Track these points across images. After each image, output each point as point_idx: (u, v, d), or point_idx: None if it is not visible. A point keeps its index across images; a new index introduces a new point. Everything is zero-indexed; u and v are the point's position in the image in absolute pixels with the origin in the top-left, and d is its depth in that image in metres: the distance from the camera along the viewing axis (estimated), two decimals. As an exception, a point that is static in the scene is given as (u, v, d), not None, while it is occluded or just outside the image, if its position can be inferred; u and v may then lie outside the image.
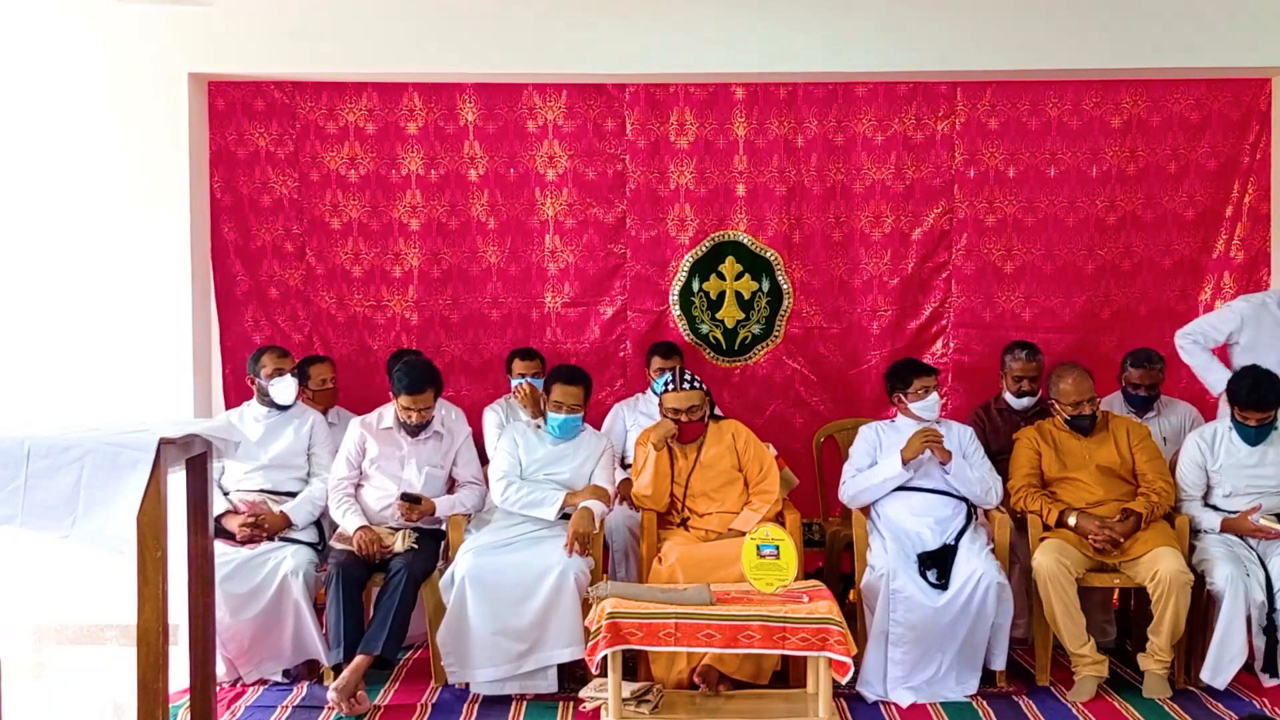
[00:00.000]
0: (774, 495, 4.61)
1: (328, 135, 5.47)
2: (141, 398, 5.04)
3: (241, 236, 5.49)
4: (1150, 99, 5.41)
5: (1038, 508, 4.59)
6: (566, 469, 4.69)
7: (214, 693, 3.66)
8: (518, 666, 4.31)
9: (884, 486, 4.63)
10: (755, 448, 4.70)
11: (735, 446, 4.68)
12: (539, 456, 4.69)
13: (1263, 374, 4.48)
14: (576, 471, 4.69)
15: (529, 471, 4.68)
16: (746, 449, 4.69)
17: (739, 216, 5.53)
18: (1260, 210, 5.41)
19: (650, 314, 5.59)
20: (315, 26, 5.17)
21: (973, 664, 4.35)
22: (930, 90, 5.44)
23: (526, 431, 4.78)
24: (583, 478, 4.70)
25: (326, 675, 4.48)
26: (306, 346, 5.50)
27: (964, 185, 5.49)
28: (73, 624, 5.12)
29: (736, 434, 4.72)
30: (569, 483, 4.68)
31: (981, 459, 4.72)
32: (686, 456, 4.66)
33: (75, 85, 5.16)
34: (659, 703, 4.02)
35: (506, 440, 4.75)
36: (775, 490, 4.63)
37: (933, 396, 4.71)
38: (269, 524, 4.61)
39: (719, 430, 4.72)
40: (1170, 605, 4.26)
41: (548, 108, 5.48)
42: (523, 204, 5.54)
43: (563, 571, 4.32)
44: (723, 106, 5.47)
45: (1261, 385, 4.45)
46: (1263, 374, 4.48)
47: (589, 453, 4.73)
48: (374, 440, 4.76)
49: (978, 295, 5.53)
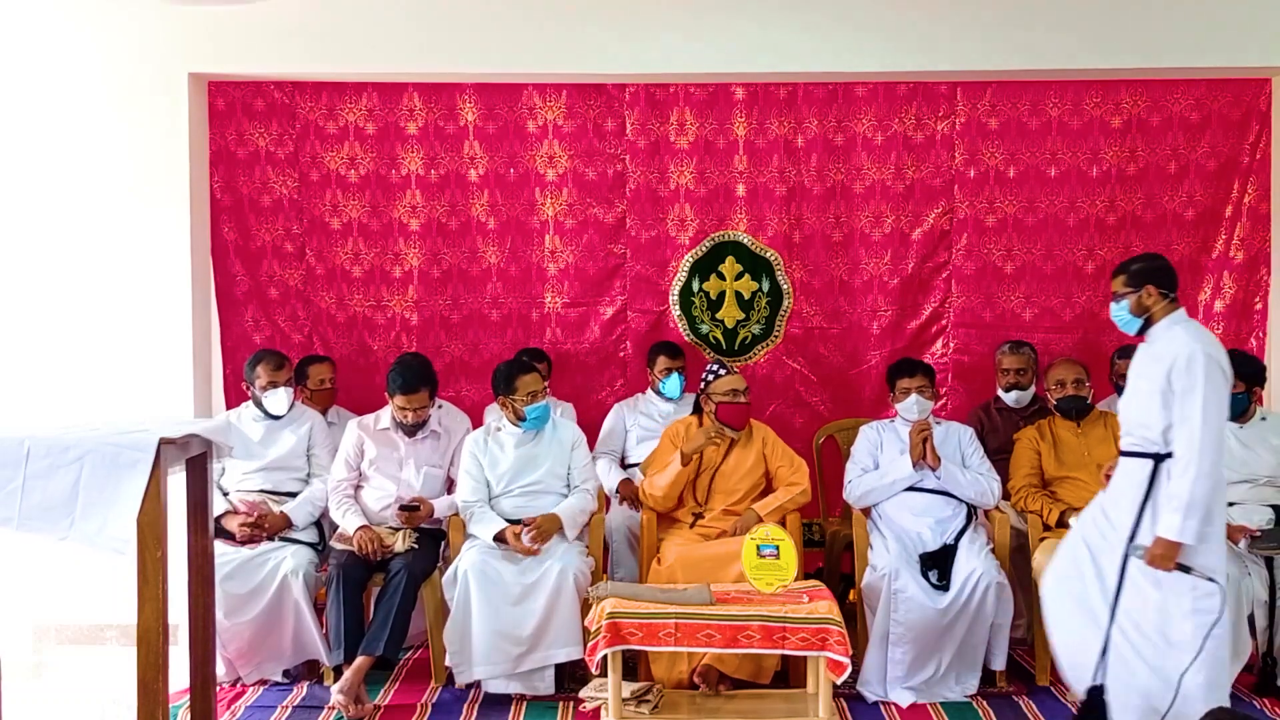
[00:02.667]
0: (803, 486, 4.67)
1: (328, 135, 5.47)
2: (141, 398, 5.04)
3: (241, 236, 5.49)
4: (1150, 99, 5.41)
5: (1038, 508, 4.60)
6: (539, 472, 4.63)
7: (214, 693, 3.66)
8: (517, 666, 4.31)
9: (893, 487, 4.65)
10: (781, 447, 4.78)
11: (763, 450, 4.74)
12: (505, 469, 4.62)
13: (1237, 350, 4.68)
14: (550, 473, 4.64)
15: (500, 488, 4.61)
16: (774, 451, 4.75)
17: (739, 216, 5.53)
18: (1260, 210, 5.41)
19: (650, 314, 5.59)
20: (315, 26, 5.17)
21: (973, 664, 4.36)
22: (930, 90, 5.44)
23: (488, 446, 4.66)
24: (557, 478, 4.65)
25: (326, 675, 4.48)
26: (306, 346, 5.50)
27: (964, 185, 5.49)
28: (73, 624, 5.12)
29: (766, 438, 4.79)
30: (544, 489, 4.62)
31: (981, 459, 4.73)
32: (716, 452, 4.69)
33: (75, 85, 5.16)
34: (659, 703, 4.02)
35: (469, 462, 4.63)
36: (805, 482, 4.68)
37: (912, 397, 4.72)
38: (269, 524, 4.61)
39: (748, 430, 4.76)
40: (1170, 605, 4.26)
41: (548, 108, 5.48)
42: (523, 204, 5.54)
43: (562, 571, 4.32)
44: (723, 106, 5.47)
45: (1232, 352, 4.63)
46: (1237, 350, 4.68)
47: (557, 451, 4.67)
48: (372, 441, 4.76)
49: (978, 295, 5.53)
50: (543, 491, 4.63)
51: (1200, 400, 3.44)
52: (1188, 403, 3.46)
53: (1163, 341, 3.61)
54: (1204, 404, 3.43)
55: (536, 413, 4.59)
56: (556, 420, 4.79)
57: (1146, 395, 3.57)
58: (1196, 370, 3.46)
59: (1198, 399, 3.44)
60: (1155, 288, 3.66)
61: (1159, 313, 3.67)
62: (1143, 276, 3.68)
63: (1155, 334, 3.66)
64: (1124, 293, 3.71)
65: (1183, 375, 3.47)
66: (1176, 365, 3.49)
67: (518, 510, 4.58)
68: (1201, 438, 3.42)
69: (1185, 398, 3.46)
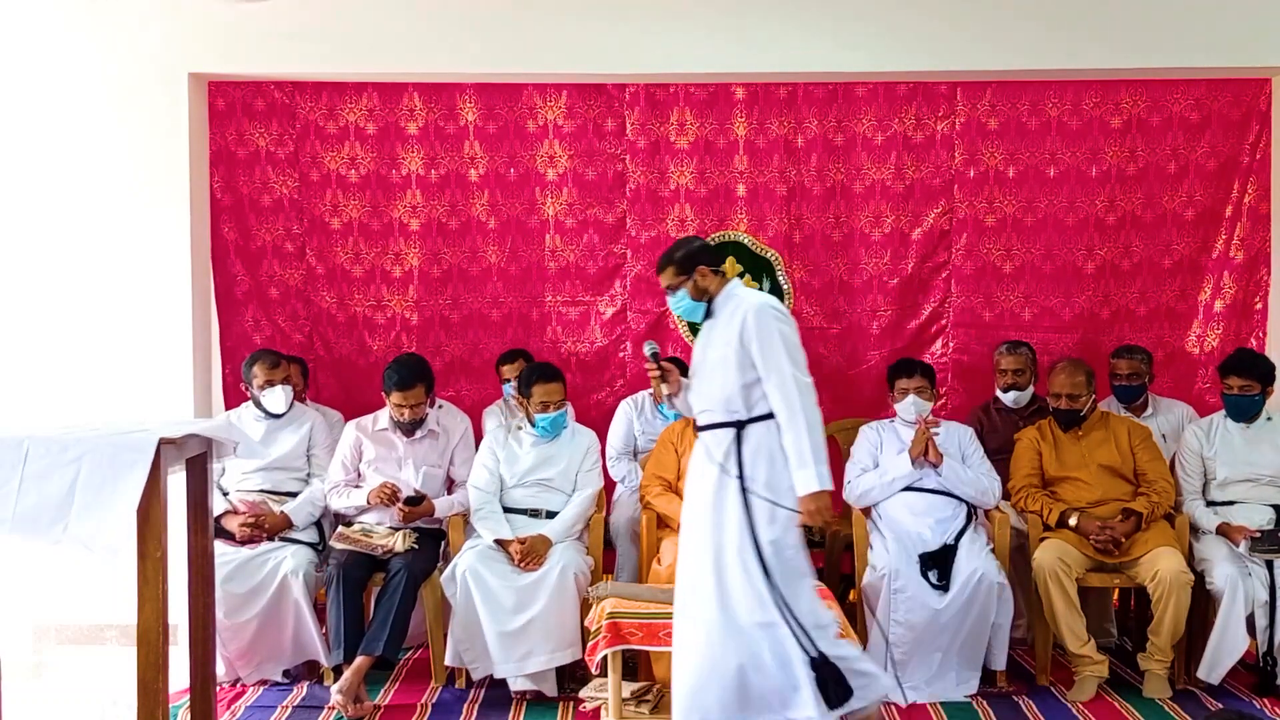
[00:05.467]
0: None
1: (328, 135, 5.47)
2: (141, 398, 5.04)
3: (241, 236, 5.48)
4: (1150, 99, 5.41)
5: (1038, 508, 4.60)
6: (553, 472, 4.66)
7: (214, 693, 3.66)
8: (521, 668, 4.30)
9: (893, 486, 4.64)
10: None
11: None
12: (524, 466, 4.65)
13: (1250, 350, 4.92)
14: (563, 474, 4.68)
15: (516, 482, 4.64)
16: None
17: (739, 216, 5.53)
18: (1260, 210, 5.40)
19: (650, 314, 5.59)
20: (315, 26, 5.16)
21: (973, 664, 4.36)
22: (930, 90, 5.43)
23: (508, 441, 4.71)
24: (569, 480, 4.68)
25: (326, 675, 4.48)
26: (306, 346, 5.50)
27: (964, 185, 5.49)
28: (73, 624, 5.12)
29: None
30: (558, 485, 4.66)
31: (981, 459, 4.73)
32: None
33: (75, 85, 5.15)
34: (659, 703, 4.02)
35: (486, 454, 4.68)
36: None
37: (910, 398, 4.71)
38: (269, 524, 4.61)
39: None
40: (1170, 605, 4.27)
41: (548, 108, 5.48)
42: (523, 204, 5.54)
43: (563, 571, 4.32)
44: (723, 106, 5.47)
45: (1245, 351, 4.81)
46: (1250, 350, 4.92)
47: (575, 453, 4.71)
48: (370, 442, 4.77)
49: (977, 295, 5.53)
50: (555, 488, 4.66)
51: (780, 349, 3.45)
52: (769, 356, 3.45)
53: (724, 312, 3.60)
54: (784, 351, 3.45)
55: (545, 423, 4.61)
56: (576, 427, 4.81)
57: (720, 366, 3.55)
58: (766, 323, 3.47)
59: (777, 348, 3.45)
60: (706, 267, 3.64)
61: (715, 289, 3.65)
62: (691, 260, 3.65)
63: (716, 308, 3.64)
64: (677, 282, 3.66)
65: (753, 331, 3.47)
66: (746, 325, 3.49)
67: (528, 500, 4.62)
68: (794, 384, 3.43)
69: (764, 352, 3.46)
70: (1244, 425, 4.61)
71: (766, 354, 3.46)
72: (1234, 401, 4.60)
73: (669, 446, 4.80)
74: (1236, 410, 4.61)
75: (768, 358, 3.46)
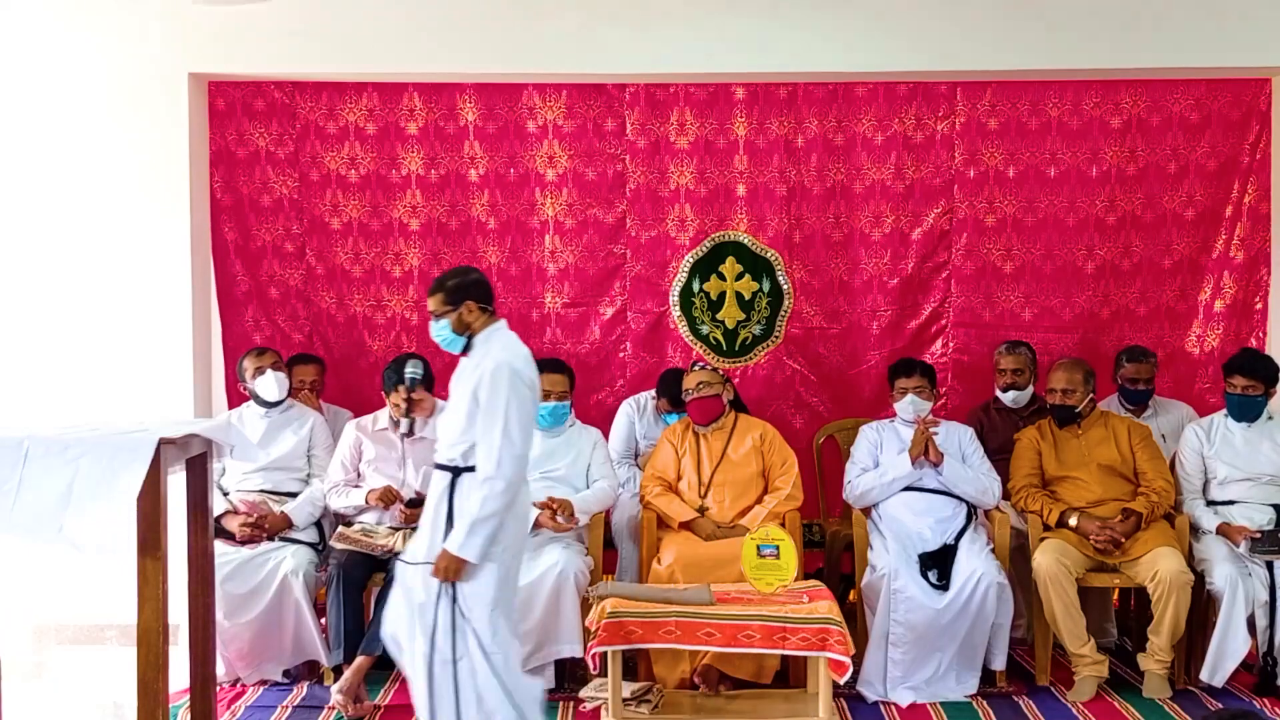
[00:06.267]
0: (786, 492, 4.65)
1: (328, 135, 5.47)
2: (141, 398, 5.03)
3: (241, 236, 5.48)
4: (1150, 99, 5.40)
5: (1038, 508, 4.60)
6: (561, 464, 4.69)
7: (214, 693, 3.67)
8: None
9: (893, 486, 4.65)
10: (779, 444, 4.78)
11: (760, 447, 4.74)
12: (532, 456, 4.67)
13: (1256, 350, 5.00)
14: (571, 467, 4.70)
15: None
16: (771, 447, 4.76)
17: (739, 217, 5.53)
18: (1260, 210, 5.40)
19: (650, 314, 5.59)
20: (315, 26, 5.16)
21: (973, 664, 4.36)
22: (930, 90, 5.43)
23: None
24: (578, 474, 4.70)
25: (326, 675, 4.48)
26: (306, 346, 5.50)
27: (964, 185, 5.49)
28: (73, 624, 5.11)
29: (765, 434, 4.79)
30: (565, 479, 4.67)
31: (981, 459, 4.73)
32: (711, 445, 4.71)
33: (75, 85, 5.15)
34: (659, 703, 4.03)
35: None
36: (788, 488, 4.65)
37: (909, 398, 4.72)
38: (269, 524, 4.61)
39: (748, 426, 4.76)
40: (1170, 605, 4.27)
41: (548, 108, 5.48)
42: (523, 204, 5.53)
43: (563, 571, 4.32)
44: (723, 106, 5.47)
45: (1251, 351, 4.85)
46: (1256, 350, 5.00)
47: (581, 448, 4.73)
48: (370, 442, 4.77)
49: (977, 295, 5.53)
50: (562, 482, 4.67)
51: (502, 415, 3.37)
52: (490, 418, 3.39)
53: (476, 355, 3.54)
54: (505, 419, 3.37)
55: (545, 411, 4.62)
56: (580, 425, 4.83)
57: (456, 409, 3.50)
58: (500, 383, 3.39)
59: (499, 414, 3.37)
60: (475, 303, 3.57)
61: (479, 327, 3.58)
62: (461, 292, 3.57)
63: (474, 346, 3.58)
64: (443, 311, 3.58)
65: (487, 389, 3.41)
66: (483, 379, 3.43)
67: (538, 494, 4.60)
68: (500, 454, 3.36)
69: (488, 413, 3.39)
70: (1245, 425, 4.61)
71: (487, 415, 3.40)
72: (1237, 401, 4.59)
73: (669, 446, 4.80)
74: (1239, 410, 4.60)
75: (486, 420, 3.40)
